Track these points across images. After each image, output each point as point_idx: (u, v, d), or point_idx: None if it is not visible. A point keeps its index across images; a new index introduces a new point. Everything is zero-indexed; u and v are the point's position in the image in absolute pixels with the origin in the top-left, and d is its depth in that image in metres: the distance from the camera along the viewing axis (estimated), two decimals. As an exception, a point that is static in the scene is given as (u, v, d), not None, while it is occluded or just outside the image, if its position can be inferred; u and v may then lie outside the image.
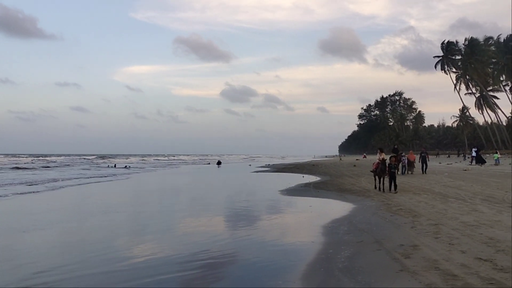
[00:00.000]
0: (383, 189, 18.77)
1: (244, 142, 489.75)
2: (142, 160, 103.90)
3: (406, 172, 29.92)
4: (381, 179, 19.28)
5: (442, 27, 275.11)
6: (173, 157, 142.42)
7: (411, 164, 30.70)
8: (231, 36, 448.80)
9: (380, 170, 19.13)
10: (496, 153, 44.03)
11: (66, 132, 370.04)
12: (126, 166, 59.77)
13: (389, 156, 20.72)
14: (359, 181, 26.01)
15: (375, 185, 20.02)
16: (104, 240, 10.02)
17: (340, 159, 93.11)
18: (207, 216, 13.81)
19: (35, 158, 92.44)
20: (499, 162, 40.24)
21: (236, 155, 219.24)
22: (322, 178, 30.44)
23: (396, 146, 23.98)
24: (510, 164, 39.04)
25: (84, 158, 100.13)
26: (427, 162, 31.62)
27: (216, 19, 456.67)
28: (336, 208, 14.83)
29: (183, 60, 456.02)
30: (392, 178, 18.40)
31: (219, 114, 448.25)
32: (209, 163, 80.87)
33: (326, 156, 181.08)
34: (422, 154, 31.96)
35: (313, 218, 13.02)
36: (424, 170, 30.52)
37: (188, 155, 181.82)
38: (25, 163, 64.19)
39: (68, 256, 8.58)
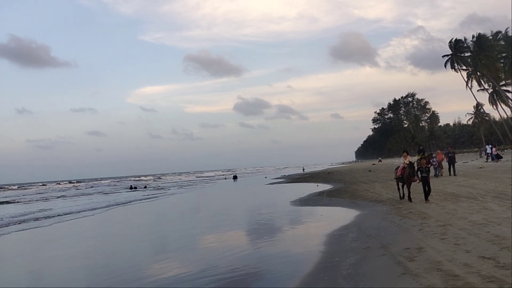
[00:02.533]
0: (410, 197, 16.20)
1: (260, 154, 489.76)
2: (158, 179, 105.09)
3: (439, 174, 27.48)
4: (409, 186, 16.49)
5: (451, 25, 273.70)
6: (190, 175, 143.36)
7: (440, 165, 28.13)
8: (240, 50, 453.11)
9: (408, 176, 16.25)
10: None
11: (84, 157, 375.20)
12: (145, 187, 60.32)
13: (418, 158, 17.54)
14: (373, 186, 25.95)
15: (401, 195, 17.25)
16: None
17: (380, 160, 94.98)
18: (219, 233, 14.03)
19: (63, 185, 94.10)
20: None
21: (253, 168, 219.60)
22: (336, 186, 30.43)
23: (421, 147, 20.48)
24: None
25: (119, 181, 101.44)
26: (455, 162, 28.52)
27: (223, 35, 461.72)
28: (346, 215, 14.88)
29: (194, 77, 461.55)
30: (426, 184, 15.47)
31: (234, 128, 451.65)
32: (225, 178, 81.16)
33: (343, 163, 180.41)
34: (449, 154, 28.82)
35: (323, 227, 13.10)
36: (453, 171, 27.59)
37: (206, 171, 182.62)
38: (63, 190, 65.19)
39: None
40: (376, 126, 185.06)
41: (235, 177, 74.43)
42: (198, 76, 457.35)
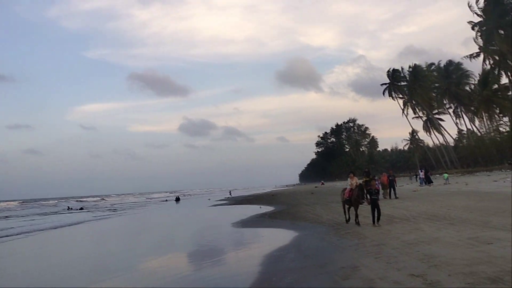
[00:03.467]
0: (358, 221, 15.61)
1: (206, 176, 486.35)
2: (102, 200, 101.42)
3: (384, 196, 27.32)
4: (357, 209, 15.78)
5: (390, 55, 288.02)
6: (135, 196, 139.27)
7: (385, 188, 28.31)
8: (187, 71, 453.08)
9: (356, 198, 15.45)
10: (446, 173, 45.94)
11: (19, 176, 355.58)
12: (81, 208, 58.49)
13: (363, 180, 16.36)
14: (314, 208, 26.41)
15: (347, 218, 16.52)
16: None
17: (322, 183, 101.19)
18: (158, 256, 13.75)
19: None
20: (448, 182, 41.87)
21: (200, 189, 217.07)
22: (279, 208, 30.68)
23: (367, 169, 20.37)
24: (456, 182, 40.76)
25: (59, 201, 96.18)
26: (395, 185, 29.01)
27: (170, 55, 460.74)
28: (287, 236, 15.03)
29: (139, 96, 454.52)
30: (375, 207, 14.78)
31: (179, 149, 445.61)
32: (166, 200, 79.61)
33: (286, 186, 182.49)
34: (390, 178, 28.99)
35: (263, 248, 13.15)
36: (394, 194, 28.00)
37: (152, 193, 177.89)
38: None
39: None
40: (319, 150, 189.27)
41: (177, 199, 73.14)
42: (143, 94, 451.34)
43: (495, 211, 15.29)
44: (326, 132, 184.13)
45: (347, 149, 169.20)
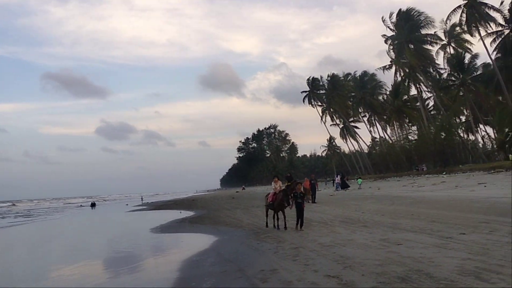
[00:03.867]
0: (280, 225, 15.36)
1: (125, 181, 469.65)
2: (13, 206, 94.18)
3: (306, 200, 26.36)
4: (279, 213, 15.48)
5: (310, 64, 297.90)
6: (49, 201, 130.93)
7: (307, 192, 27.34)
8: (106, 72, 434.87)
9: (279, 202, 15.07)
10: (359, 178, 48.29)
11: None
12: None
13: (288, 184, 15.87)
14: (234, 212, 26.45)
15: (267, 222, 16.31)
16: None
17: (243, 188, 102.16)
18: (70, 264, 12.96)
19: None
20: (360, 187, 44.02)
21: (119, 194, 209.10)
22: (199, 213, 30.39)
23: (289, 174, 20.32)
24: (370, 187, 42.97)
25: None
26: (316, 190, 29.59)
27: (87, 55, 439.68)
28: (207, 241, 14.86)
29: (54, 97, 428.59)
30: (300, 211, 14.61)
31: (97, 153, 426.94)
32: (81, 205, 75.87)
33: (208, 190, 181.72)
34: (312, 182, 29.56)
35: (182, 253, 12.89)
36: (313, 199, 28.33)
37: (68, 198, 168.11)
38: None
39: None
40: (240, 155, 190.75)
41: (93, 205, 69.90)
42: (58, 95, 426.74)
43: (404, 214, 16.28)
44: (247, 138, 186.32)
45: (268, 155, 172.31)
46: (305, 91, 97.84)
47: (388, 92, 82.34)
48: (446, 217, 14.19)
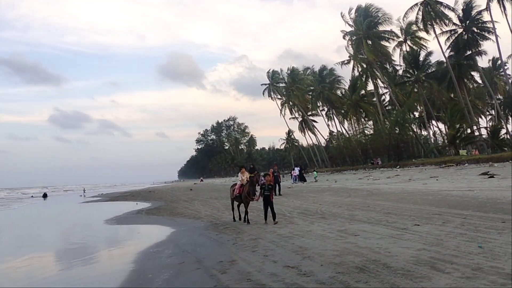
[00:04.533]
0: (248, 219, 14.54)
1: (80, 171, 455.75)
2: None
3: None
4: (247, 206, 14.65)
5: (270, 57, 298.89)
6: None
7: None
8: (60, 59, 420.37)
9: (246, 195, 14.34)
10: (315, 171, 48.98)
11: None
12: None
13: (251, 175, 14.97)
14: (192, 204, 26.19)
15: (234, 216, 15.52)
16: None
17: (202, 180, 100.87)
18: (19, 256, 12.36)
19: None
20: (316, 180, 44.67)
21: (73, 185, 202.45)
22: (156, 204, 29.87)
23: (252, 165, 19.42)
24: (327, 180, 43.68)
25: None
26: (280, 182, 28.84)
27: (40, 40, 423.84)
28: (164, 232, 14.58)
29: (4, 83, 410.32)
30: (268, 203, 13.73)
31: (49, 142, 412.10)
32: (32, 196, 73.06)
33: (165, 182, 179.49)
34: (275, 174, 28.56)
35: (139, 244, 12.55)
36: (278, 190, 27.54)
37: (18, 189, 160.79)
38: None
39: None
40: (199, 147, 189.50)
41: (45, 195, 67.52)
42: (8, 82, 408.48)
43: (360, 206, 16.59)
44: (206, 130, 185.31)
45: (227, 147, 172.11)
46: (265, 84, 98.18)
47: (346, 87, 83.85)
48: (400, 209, 14.56)
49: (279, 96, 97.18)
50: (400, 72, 71.75)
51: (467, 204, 14.10)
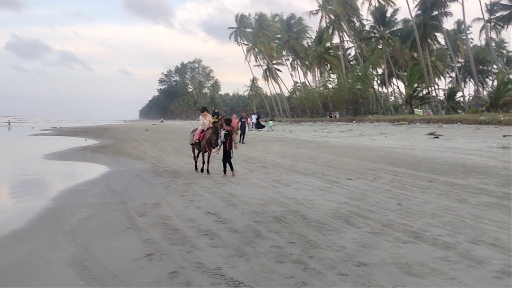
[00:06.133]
0: (208, 169, 12.85)
1: (33, 103, 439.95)
2: None
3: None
4: (209, 155, 13.04)
5: (243, 0, 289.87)
6: None
7: (234, 131, 23.22)
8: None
9: (209, 142, 12.69)
10: (272, 120, 49.17)
11: None
12: None
13: (215, 121, 13.18)
14: (142, 144, 25.78)
15: (196, 165, 13.66)
16: None
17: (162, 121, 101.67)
18: None
19: None
20: (272, 129, 44.85)
21: (23, 117, 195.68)
22: (106, 142, 29.21)
23: (216, 109, 18.12)
24: (283, 130, 43.93)
25: None
26: (246, 129, 27.13)
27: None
28: (101, 171, 14.25)
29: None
30: (225, 153, 12.19)
31: (5, 70, 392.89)
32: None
33: (124, 121, 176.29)
34: (242, 120, 26.70)
35: (69, 181, 12.24)
36: (242, 139, 25.64)
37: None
38: None
39: None
40: (162, 87, 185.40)
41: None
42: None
43: (304, 158, 16.69)
44: (170, 70, 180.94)
45: (190, 90, 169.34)
46: (233, 28, 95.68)
47: (313, 38, 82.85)
48: (340, 162, 14.74)
49: (245, 42, 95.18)
50: (368, 27, 71.43)
51: (404, 162, 14.41)
